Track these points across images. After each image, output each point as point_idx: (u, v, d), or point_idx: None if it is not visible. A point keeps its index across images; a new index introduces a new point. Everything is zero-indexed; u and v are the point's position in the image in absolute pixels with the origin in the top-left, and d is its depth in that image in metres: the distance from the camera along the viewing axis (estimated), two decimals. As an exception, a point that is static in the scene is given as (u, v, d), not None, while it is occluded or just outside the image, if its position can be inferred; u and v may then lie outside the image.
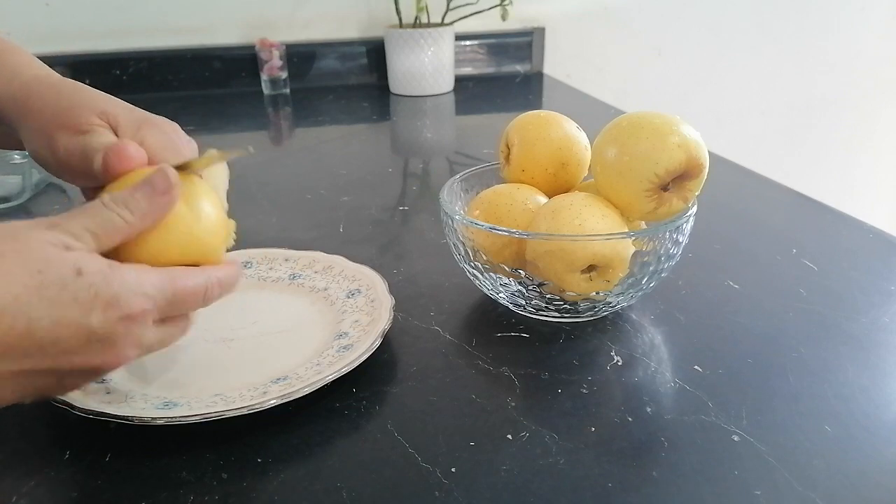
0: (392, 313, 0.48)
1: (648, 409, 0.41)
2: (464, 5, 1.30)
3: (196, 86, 1.34)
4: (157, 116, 0.40)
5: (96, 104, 0.39)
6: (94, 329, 0.30)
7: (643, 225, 0.51)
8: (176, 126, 0.40)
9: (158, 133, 0.38)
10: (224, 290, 0.36)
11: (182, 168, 0.36)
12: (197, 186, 0.36)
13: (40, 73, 0.42)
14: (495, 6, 1.30)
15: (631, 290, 0.49)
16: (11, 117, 0.40)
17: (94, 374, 0.32)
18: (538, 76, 1.46)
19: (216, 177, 0.40)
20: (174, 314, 0.34)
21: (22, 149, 0.43)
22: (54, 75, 0.42)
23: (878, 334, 0.48)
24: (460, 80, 1.39)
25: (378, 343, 0.45)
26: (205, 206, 0.36)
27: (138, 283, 0.31)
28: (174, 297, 0.33)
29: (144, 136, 0.38)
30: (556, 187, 0.53)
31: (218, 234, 0.37)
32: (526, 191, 0.52)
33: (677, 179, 0.45)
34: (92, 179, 0.37)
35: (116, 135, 0.38)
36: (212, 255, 0.36)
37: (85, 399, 0.40)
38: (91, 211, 0.32)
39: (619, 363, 0.46)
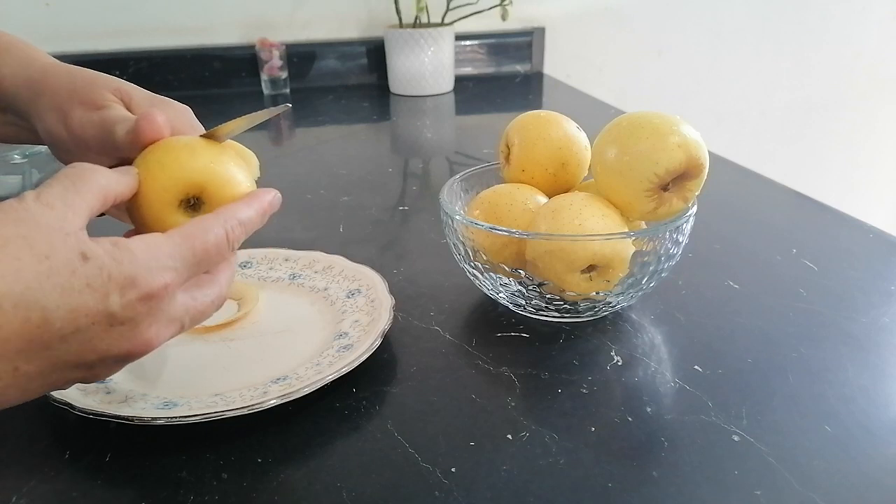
0: (392, 313, 0.48)
1: (648, 409, 0.41)
2: (464, 5, 1.30)
3: (196, 86, 1.34)
4: (169, 98, 0.41)
5: (110, 82, 0.40)
6: (115, 313, 0.28)
7: (643, 225, 0.51)
8: (188, 108, 0.41)
9: (171, 110, 0.40)
10: (248, 227, 0.34)
11: (209, 136, 0.37)
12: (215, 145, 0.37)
13: (54, 61, 0.43)
14: (495, 6, 1.30)
15: (631, 290, 0.49)
16: (25, 99, 0.41)
17: (125, 359, 0.30)
18: (538, 76, 1.46)
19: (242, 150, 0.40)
20: (203, 272, 0.33)
21: (29, 142, 0.43)
22: (67, 64, 0.43)
23: (878, 334, 0.48)
24: (460, 80, 1.39)
25: (378, 343, 0.45)
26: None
27: (152, 256, 0.29)
28: (195, 258, 0.31)
29: (158, 112, 0.38)
30: (556, 187, 0.53)
31: (232, 164, 0.36)
32: (526, 191, 0.52)
33: (677, 179, 0.45)
34: (105, 154, 0.37)
35: (130, 111, 0.39)
36: (226, 183, 0.35)
37: (85, 399, 0.40)
38: (69, 172, 0.31)
39: (619, 363, 0.46)
